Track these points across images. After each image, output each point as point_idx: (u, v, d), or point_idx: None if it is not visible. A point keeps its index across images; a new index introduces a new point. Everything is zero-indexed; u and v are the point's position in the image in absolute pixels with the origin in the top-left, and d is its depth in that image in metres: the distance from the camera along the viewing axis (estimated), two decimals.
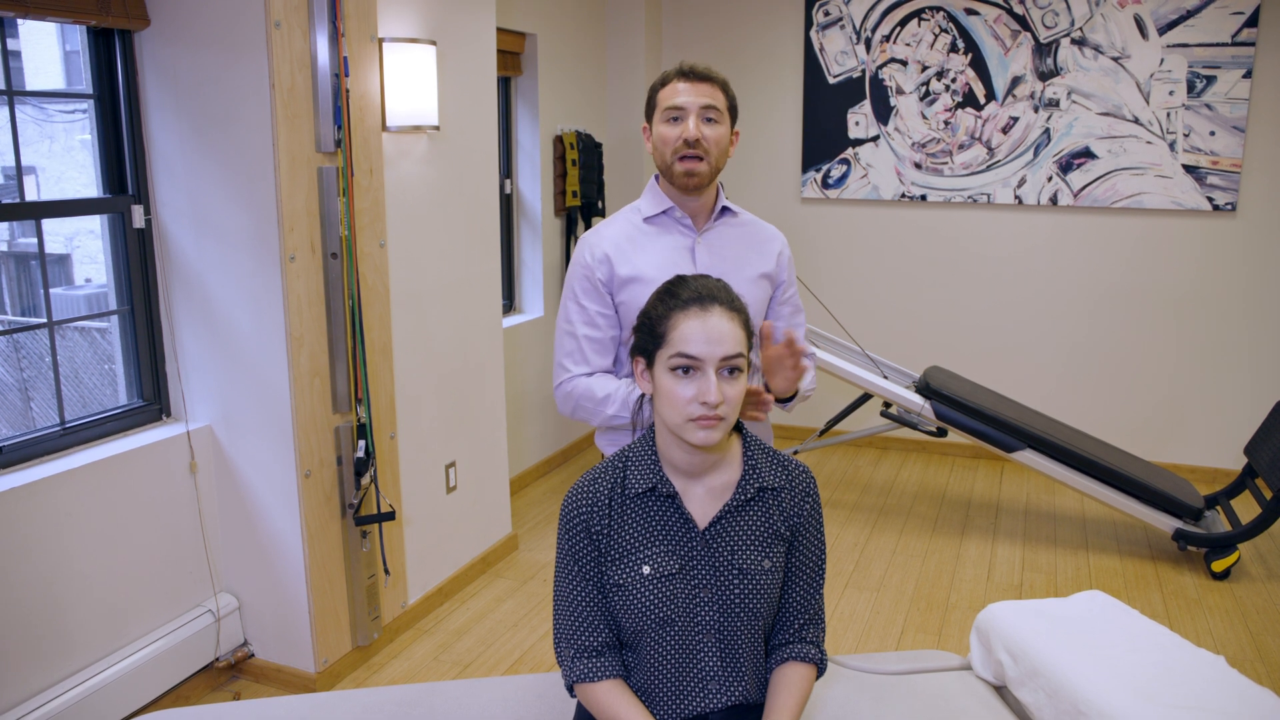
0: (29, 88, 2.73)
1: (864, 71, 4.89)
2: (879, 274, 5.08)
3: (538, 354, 4.63)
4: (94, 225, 2.83)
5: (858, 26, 4.86)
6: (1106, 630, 1.97)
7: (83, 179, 2.83)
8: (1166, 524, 3.79)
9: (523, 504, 4.40)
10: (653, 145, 1.96)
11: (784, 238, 2.13)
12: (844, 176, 5.03)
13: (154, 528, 2.74)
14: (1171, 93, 4.43)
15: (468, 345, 3.51)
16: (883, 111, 4.90)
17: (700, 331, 1.46)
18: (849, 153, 5.00)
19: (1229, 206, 4.44)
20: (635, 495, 1.55)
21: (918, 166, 4.88)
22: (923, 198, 4.91)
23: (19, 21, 2.58)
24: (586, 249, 2.00)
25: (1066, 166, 4.64)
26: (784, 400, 1.90)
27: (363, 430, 2.92)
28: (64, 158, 2.90)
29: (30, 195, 2.69)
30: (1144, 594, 3.57)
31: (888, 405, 4.18)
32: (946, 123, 4.80)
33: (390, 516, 2.96)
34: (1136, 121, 4.50)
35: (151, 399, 2.87)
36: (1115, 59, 4.48)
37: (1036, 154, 4.68)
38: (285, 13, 2.59)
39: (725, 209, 2.04)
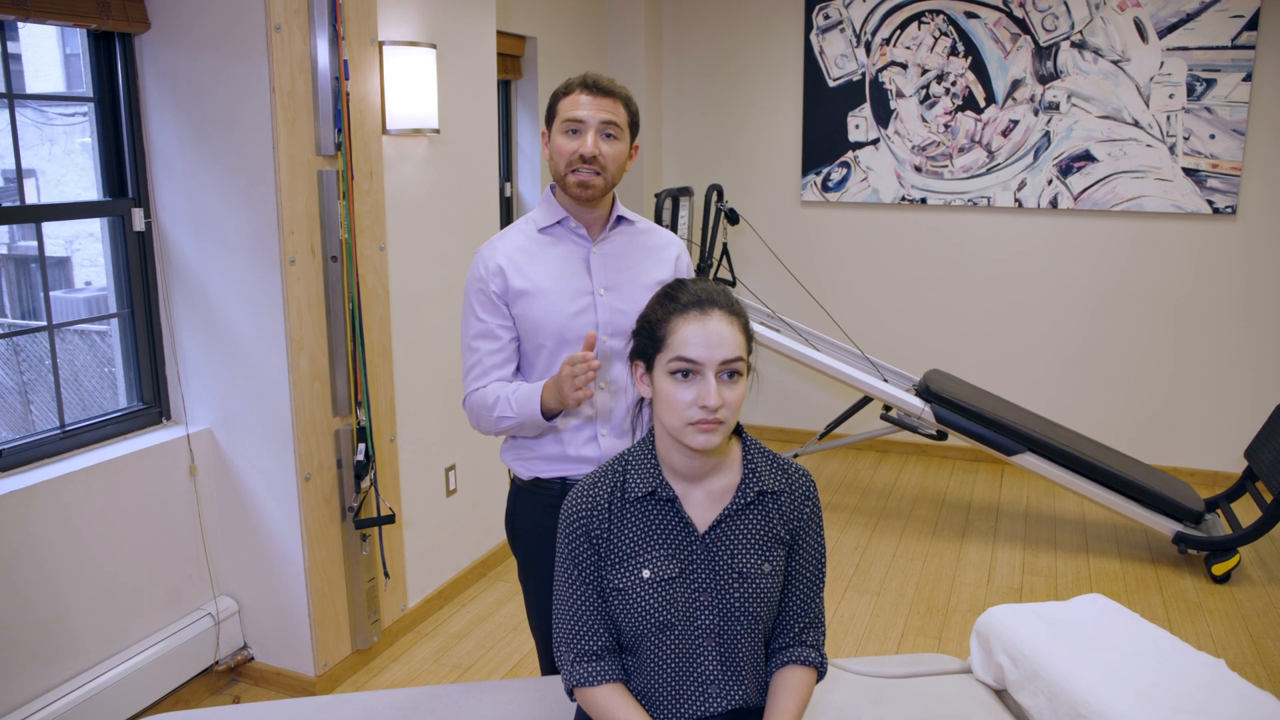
0: (29, 91, 2.73)
1: (864, 74, 4.89)
2: (879, 277, 5.08)
3: None
4: (94, 228, 2.83)
5: (858, 30, 4.86)
6: (1107, 634, 1.97)
7: (83, 182, 2.84)
8: (1167, 527, 3.79)
9: None
10: (550, 154, 1.94)
11: (681, 243, 2.10)
12: (844, 179, 5.03)
13: (154, 531, 2.74)
14: (1171, 96, 4.43)
15: None
16: (883, 115, 4.90)
17: (700, 335, 1.46)
18: (849, 156, 5.00)
19: (1229, 209, 4.44)
20: (635, 499, 1.55)
21: (918, 170, 4.89)
22: (923, 201, 4.91)
23: (19, 25, 2.58)
24: (480, 262, 1.98)
25: (1066, 169, 4.64)
26: None
27: (363, 433, 2.92)
28: (64, 161, 2.90)
29: (30, 198, 2.69)
30: (1144, 597, 3.57)
31: (888, 408, 4.18)
32: (946, 126, 4.80)
33: (390, 520, 2.96)
34: (1136, 125, 4.50)
35: (151, 402, 2.87)
36: (1115, 62, 4.49)
37: (1036, 157, 4.68)
38: (285, 16, 2.59)
39: (620, 218, 2.02)
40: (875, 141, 4.94)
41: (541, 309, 1.93)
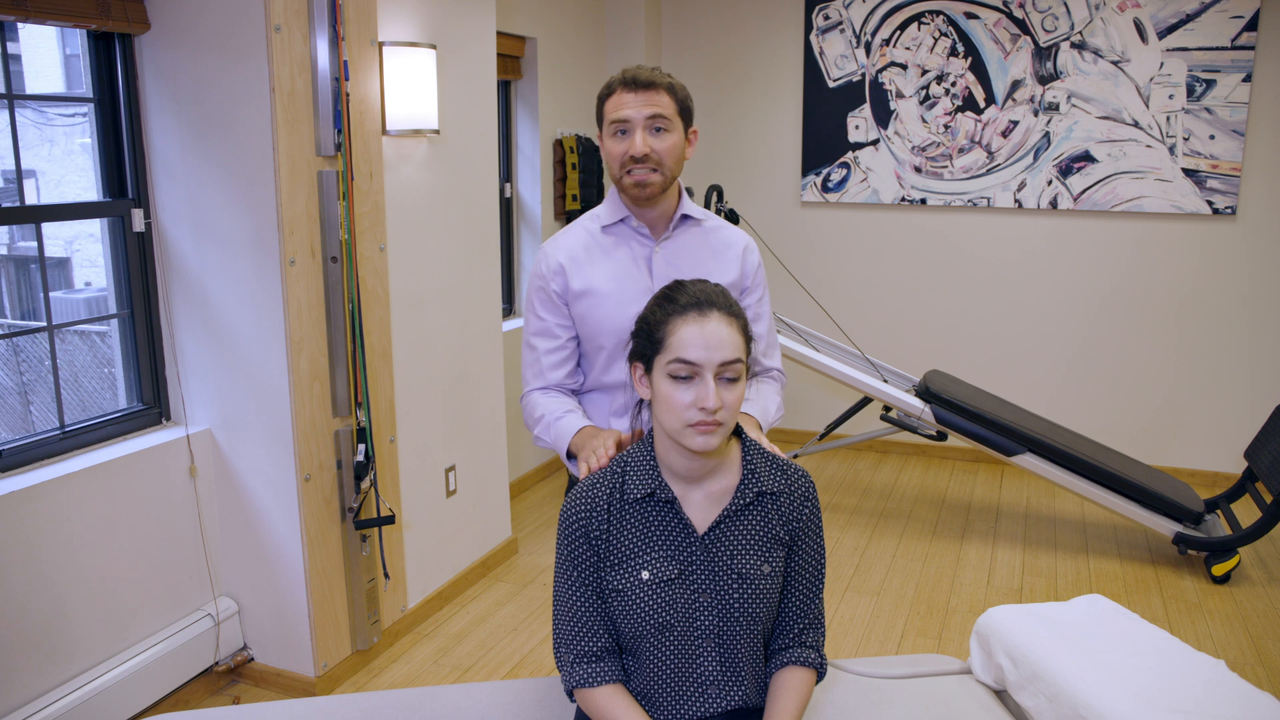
0: (29, 91, 2.73)
1: (864, 75, 4.89)
2: (879, 278, 5.08)
3: None
4: (94, 229, 2.83)
5: (858, 30, 4.86)
6: (1107, 634, 1.97)
7: (83, 183, 2.84)
8: (1167, 528, 3.79)
9: (522, 508, 4.40)
10: (605, 158, 1.91)
11: (750, 242, 2.04)
12: (844, 180, 5.03)
13: (153, 531, 2.74)
14: (1171, 96, 4.43)
15: (468, 349, 3.51)
16: (882, 115, 4.90)
17: (699, 337, 1.46)
18: (849, 156, 5.00)
19: (1229, 210, 4.44)
20: (634, 500, 1.55)
21: (917, 170, 4.89)
22: (922, 201, 4.91)
23: (19, 25, 2.58)
24: (542, 259, 1.97)
25: (1066, 170, 4.65)
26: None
27: (362, 434, 2.92)
28: (64, 161, 2.90)
29: (30, 199, 2.70)
30: (1144, 598, 3.57)
31: (887, 409, 4.18)
32: (946, 126, 4.80)
33: (390, 520, 2.96)
34: (1136, 125, 4.50)
35: (151, 403, 2.87)
36: (1115, 63, 4.49)
37: (1036, 158, 4.68)
38: (285, 17, 2.59)
39: (686, 216, 1.98)
40: (875, 142, 4.94)
41: (601, 311, 1.92)
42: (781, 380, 2.08)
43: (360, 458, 2.90)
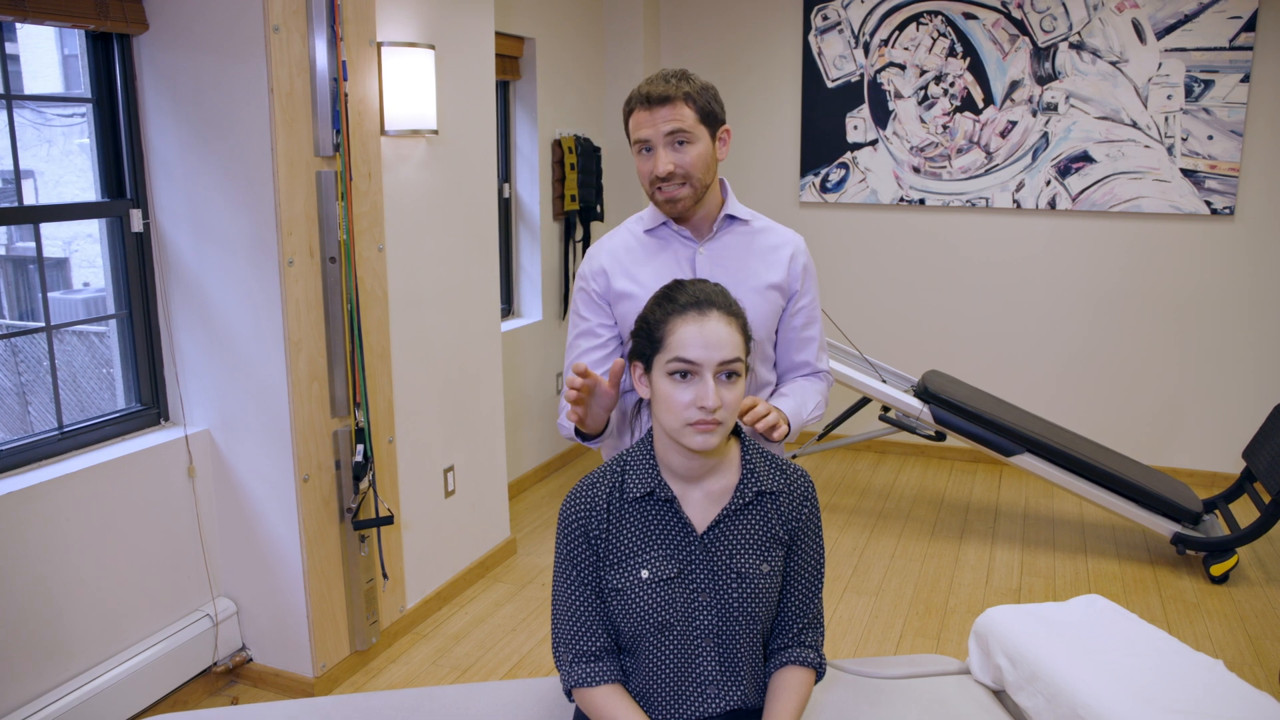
0: (28, 91, 2.73)
1: (862, 75, 4.90)
2: (877, 278, 5.08)
3: (536, 358, 4.63)
4: (92, 229, 2.83)
5: (856, 31, 4.87)
6: (1105, 634, 1.97)
7: (81, 183, 2.84)
8: (1165, 528, 3.79)
9: (521, 508, 4.40)
10: (639, 176, 1.90)
11: (800, 245, 2.00)
12: (842, 180, 5.03)
13: (152, 532, 2.74)
14: (1169, 97, 4.44)
15: (466, 349, 3.51)
16: (881, 116, 4.91)
17: (698, 336, 1.46)
18: (847, 157, 5.00)
19: (1227, 211, 4.44)
20: (633, 499, 1.55)
21: (916, 170, 4.89)
22: (921, 202, 4.91)
23: (17, 25, 2.58)
24: (587, 260, 1.98)
25: (1065, 170, 4.65)
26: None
27: (361, 434, 2.92)
28: (62, 162, 2.90)
29: (29, 199, 2.69)
30: (1142, 598, 3.57)
31: (886, 409, 4.18)
32: (945, 127, 4.80)
33: (388, 521, 2.96)
34: (1135, 125, 4.51)
35: (149, 403, 2.86)
36: (1113, 63, 4.49)
37: (1035, 158, 4.68)
38: (284, 17, 2.59)
39: (731, 217, 1.95)
40: (874, 142, 4.94)
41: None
42: (828, 380, 2.08)
43: (359, 458, 2.90)
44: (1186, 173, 4.46)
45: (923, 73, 4.79)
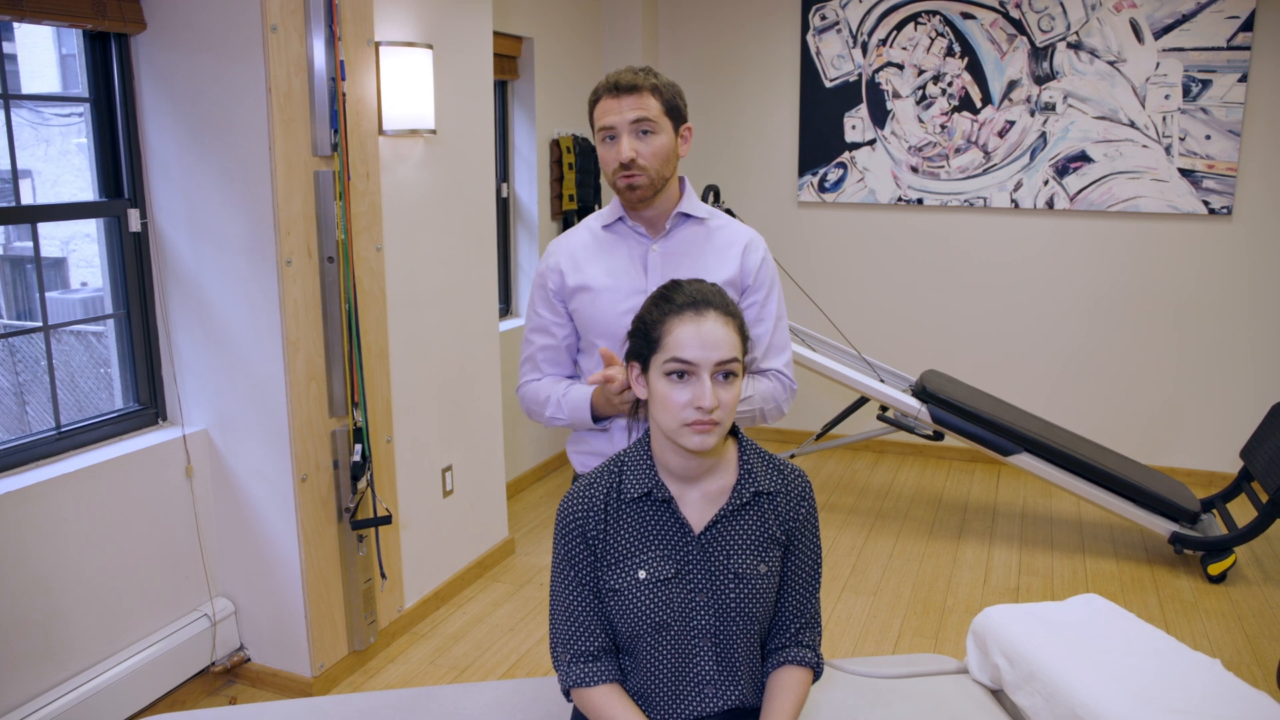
0: (25, 91, 2.73)
1: (860, 75, 4.90)
2: (875, 278, 5.09)
3: None
4: (90, 229, 2.82)
5: (854, 30, 4.87)
6: (1103, 634, 1.97)
7: (79, 183, 2.83)
8: (1163, 527, 3.80)
9: (519, 508, 4.40)
10: (600, 162, 1.92)
11: (755, 239, 1.99)
12: (840, 180, 5.03)
13: (150, 532, 2.74)
14: (1167, 96, 4.44)
15: (464, 349, 3.51)
16: (879, 115, 4.91)
17: (695, 336, 1.46)
18: (845, 156, 5.00)
19: (1225, 210, 4.45)
20: (631, 500, 1.55)
21: (914, 170, 4.89)
22: (919, 201, 4.92)
23: (15, 25, 2.58)
24: (545, 257, 2.01)
25: (1063, 170, 4.65)
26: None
27: (359, 434, 2.91)
28: (60, 161, 2.90)
29: (26, 199, 2.69)
30: (1140, 597, 3.57)
31: (884, 409, 4.18)
32: (943, 126, 4.81)
33: (386, 520, 2.96)
34: (1132, 125, 4.51)
35: (147, 403, 2.86)
36: (1111, 63, 4.49)
37: (1033, 158, 4.69)
38: (282, 16, 2.59)
39: (686, 214, 1.96)
40: (872, 142, 4.94)
41: (595, 307, 1.93)
42: (782, 381, 1.99)
43: (357, 458, 2.90)
44: (1184, 172, 4.47)
45: (921, 72, 4.79)
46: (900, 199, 4.94)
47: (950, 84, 4.76)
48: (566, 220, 4.78)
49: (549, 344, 2.00)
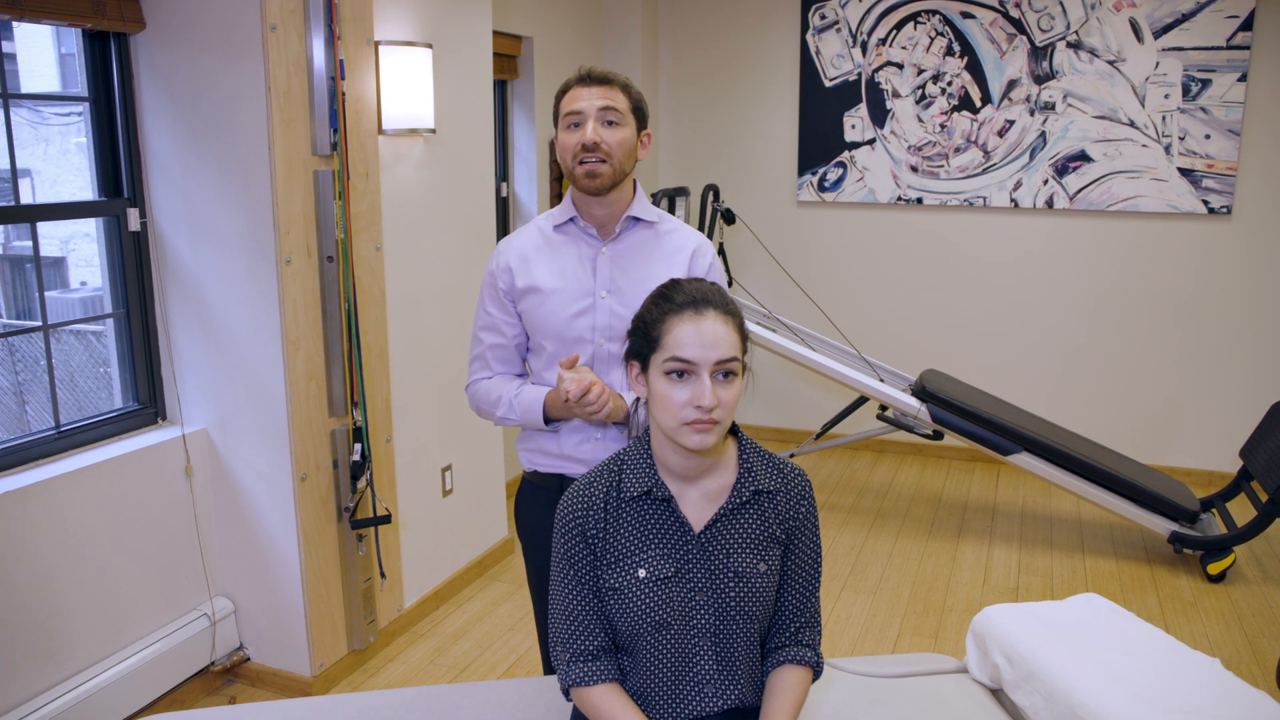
0: (24, 90, 2.73)
1: (860, 75, 4.90)
2: (875, 277, 5.09)
3: None
4: (89, 228, 2.82)
5: (854, 30, 4.87)
6: (1102, 633, 1.97)
7: (78, 182, 2.83)
8: (1162, 527, 3.80)
9: None
10: (559, 153, 1.91)
11: (703, 244, 1.98)
12: (840, 180, 5.03)
13: (149, 531, 2.74)
14: (1167, 96, 4.44)
15: (464, 349, 3.51)
16: (879, 115, 4.91)
17: (694, 335, 1.46)
18: (845, 156, 5.00)
19: (1224, 210, 4.45)
20: (630, 499, 1.55)
21: (914, 170, 4.89)
22: (919, 201, 4.92)
23: (14, 24, 2.58)
24: (495, 256, 2.01)
25: (1062, 170, 4.65)
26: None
27: (359, 434, 2.91)
28: (59, 161, 2.89)
29: (25, 198, 2.69)
30: (1140, 597, 3.57)
31: (884, 408, 4.18)
32: (942, 126, 4.80)
33: (386, 520, 2.96)
34: (1132, 125, 4.51)
35: (147, 402, 2.86)
36: (1111, 62, 4.49)
37: (1032, 157, 4.69)
38: (281, 16, 2.59)
39: (636, 218, 1.95)
40: (871, 142, 4.94)
41: (544, 309, 1.93)
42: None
43: (356, 457, 2.90)
44: (1184, 172, 4.47)
45: (920, 72, 4.79)
46: (900, 198, 4.94)
47: (950, 83, 4.76)
48: None
49: (499, 342, 2.00)
